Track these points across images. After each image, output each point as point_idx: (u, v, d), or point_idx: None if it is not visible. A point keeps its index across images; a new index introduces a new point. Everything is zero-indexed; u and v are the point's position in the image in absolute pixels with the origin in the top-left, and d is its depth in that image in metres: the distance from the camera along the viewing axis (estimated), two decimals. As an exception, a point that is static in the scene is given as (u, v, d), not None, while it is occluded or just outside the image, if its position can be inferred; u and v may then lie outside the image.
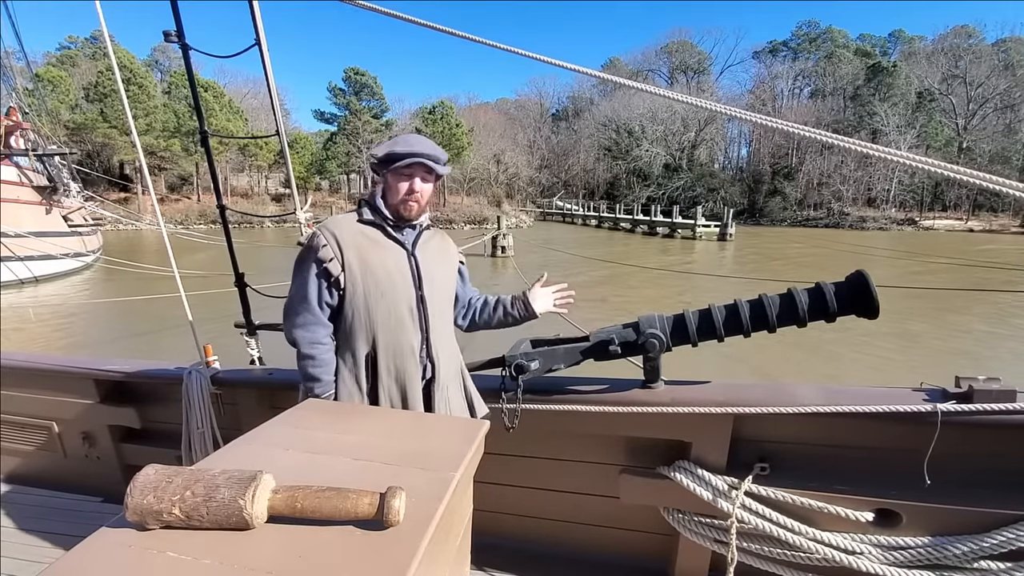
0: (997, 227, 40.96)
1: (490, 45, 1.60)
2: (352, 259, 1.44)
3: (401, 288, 1.47)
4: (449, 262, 1.64)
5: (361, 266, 1.45)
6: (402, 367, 1.47)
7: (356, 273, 1.45)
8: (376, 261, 1.46)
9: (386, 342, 1.46)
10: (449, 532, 1.06)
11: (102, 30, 2.07)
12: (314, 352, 1.46)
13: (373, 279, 1.45)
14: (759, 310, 1.56)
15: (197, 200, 39.68)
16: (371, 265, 1.45)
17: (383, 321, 1.46)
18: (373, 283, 1.45)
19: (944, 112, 48.17)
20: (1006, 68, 47.20)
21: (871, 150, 1.40)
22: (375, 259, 1.46)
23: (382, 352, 1.46)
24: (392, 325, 1.46)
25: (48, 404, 2.44)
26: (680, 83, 62.21)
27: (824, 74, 54.20)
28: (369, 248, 1.47)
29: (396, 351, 1.47)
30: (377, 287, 1.45)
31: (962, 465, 1.49)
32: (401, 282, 1.47)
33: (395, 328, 1.46)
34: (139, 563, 0.76)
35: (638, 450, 1.83)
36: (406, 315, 1.47)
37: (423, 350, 1.51)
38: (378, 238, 1.49)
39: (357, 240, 1.47)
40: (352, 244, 1.46)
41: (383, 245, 1.49)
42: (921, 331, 9.54)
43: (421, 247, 1.54)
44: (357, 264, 1.45)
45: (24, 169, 15.09)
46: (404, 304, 1.47)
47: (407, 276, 1.49)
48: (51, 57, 44.45)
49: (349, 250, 1.45)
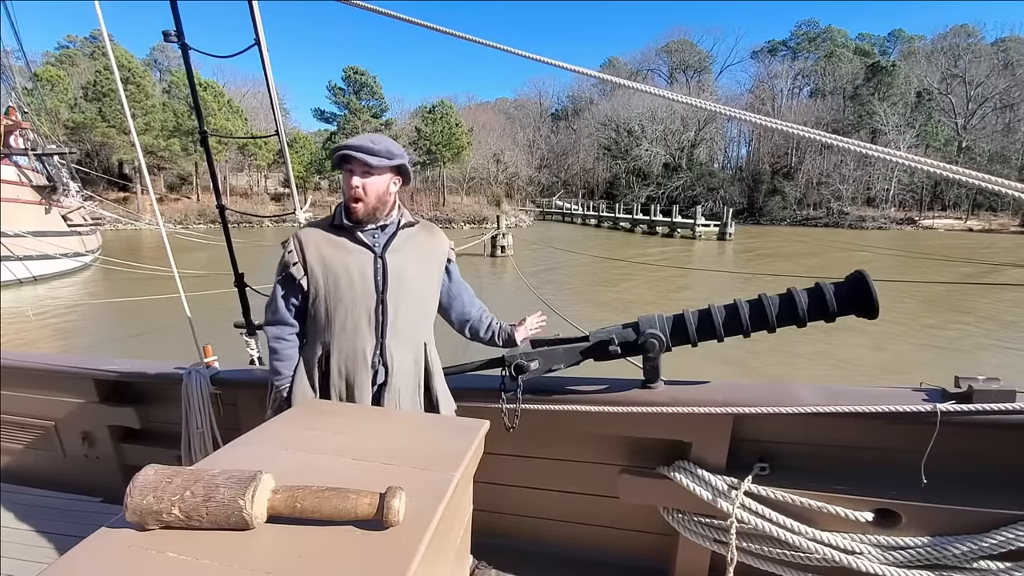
0: (996, 226, 40.97)
1: (490, 45, 1.60)
2: (315, 264, 1.50)
3: (361, 292, 1.49)
4: (432, 260, 1.62)
5: (323, 271, 1.49)
6: (352, 370, 1.51)
7: (318, 276, 1.50)
8: (338, 266, 1.49)
9: (339, 346, 1.51)
10: (449, 532, 1.06)
11: (101, 30, 2.06)
12: (277, 347, 1.56)
13: (333, 283, 1.49)
14: (759, 310, 1.56)
15: (196, 200, 39.59)
16: (332, 269, 1.49)
17: (339, 325, 1.50)
18: (332, 288, 1.49)
19: (943, 112, 48.17)
20: (1005, 67, 47.20)
21: (870, 150, 1.40)
22: (338, 264, 1.49)
23: (335, 354, 1.51)
24: (348, 329, 1.50)
25: (48, 404, 2.44)
26: (680, 82, 62.21)
27: (823, 74, 54.17)
28: (332, 252, 1.50)
29: (348, 354, 1.51)
30: (336, 292, 1.49)
31: (962, 465, 1.49)
32: (362, 287, 1.49)
33: (350, 333, 1.50)
34: (139, 563, 0.76)
35: (638, 450, 1.83)
36: (363, 320, 1.50)
37: (376, 355, 1.52)
38: (343, 243, 1.52)
39: (321, 244, 1.51)
40: (315, 249, 1.50)
41: (348, 249, 1.51)
42: (921, 331, 9.55)
43: (396, 248, 1.54)
44: (319, 268, 1.50)
45: (23, 169, 15.07)
46: (363, 309, 1.50)
47: (369, 280, 1.50)
48: (50, 56, 44.38)
49: (312, 256, 1.50)
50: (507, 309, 10.29)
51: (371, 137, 1.48)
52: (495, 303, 10.81)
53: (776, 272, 14.99)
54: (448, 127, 44.60)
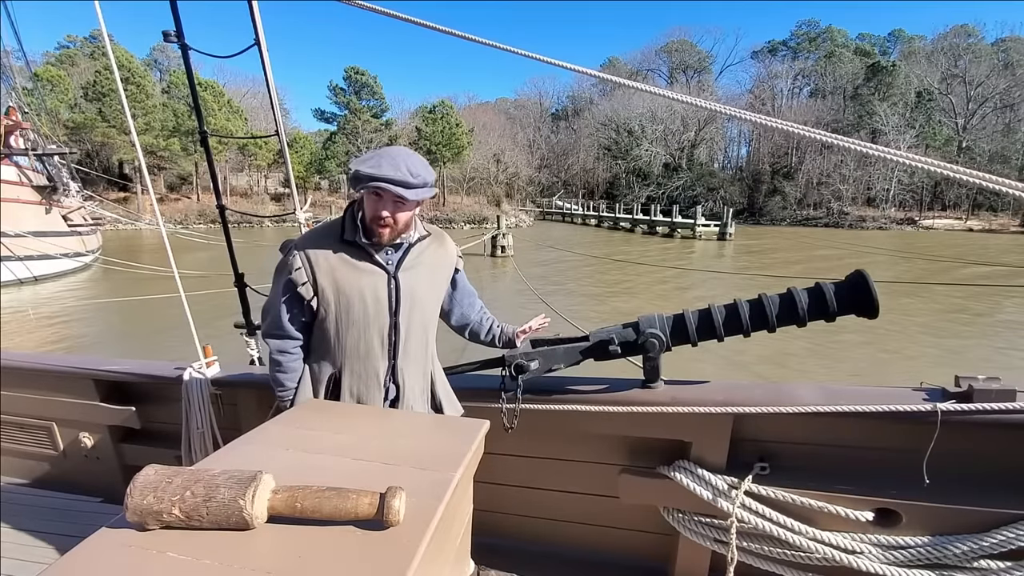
0: (997, 226, 40.98)
1: (490, 45, 1.59)
2: (326, 285, 1.40)
3: (375, 314, 1.43)
4: (442, 274, 1.58)
5: (335, 293, 1.41)
6: (364, 392, 1.47)
7: (329, 299, 1.41)
8: (351, 288, 1.41)
9: (351, 368, 1.46)
10: (449, 532, 1.06)
11: (101, 30, 2.06)
12: (280, 359, 1.49)
13: (346, 306, 1.41)
14: (759, 310, 1.56)
15: (196, 200, 39.61)
16: (345, 292, 1.41)
17: (352, 348, 1.44)
18: (345, 310, 1.42)
19: (943, 112, 48.18)
20: (1005, 68, 47.22)
21: (870, 150, 1.40)
22: (351, 285, 1.41)
23: (346, 376, 1.46)
24: (361, 352, 1.45)
25: (48, 404, 2.44)
26: (680, 83, 62.21)
27: (823, 74, 54.19)
28: (346, 274, 1.41)
29: (361, 376, 1.46)
30: (348, 315, 1.42)
31: (962, 464, 1.49)
32: (375, 309, 1.43)
33: (363, 356, 1.45)
34: (139, 563, 0.76)
35: (638, 450, 1.83)
36: (375, 343, 1.45)
37: (389, 376, 1.49)
38: (357, 262, 1.42)
39: (333, 263, 1.41)
40: (327, 269, 1.40)
41: (361, 270, 1.42)
42: (921, 330, 9.55)
43: (408, 267, 1.46)
44: (331, 291, 1.41)
45: (24, 169, 15.08)
46: (375, 332, 1.44)
47: (383, 301, 1.43)
48: (50, 56, 44.42)
49: (323, 276, 1.40)
50: (507, 309, 10.29)
51: (407, 164, 1.31)
52: (495, 303, 10.72)
53: (777, 274, 14.98)
54: (448, 127, 44.61)
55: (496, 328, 1.73)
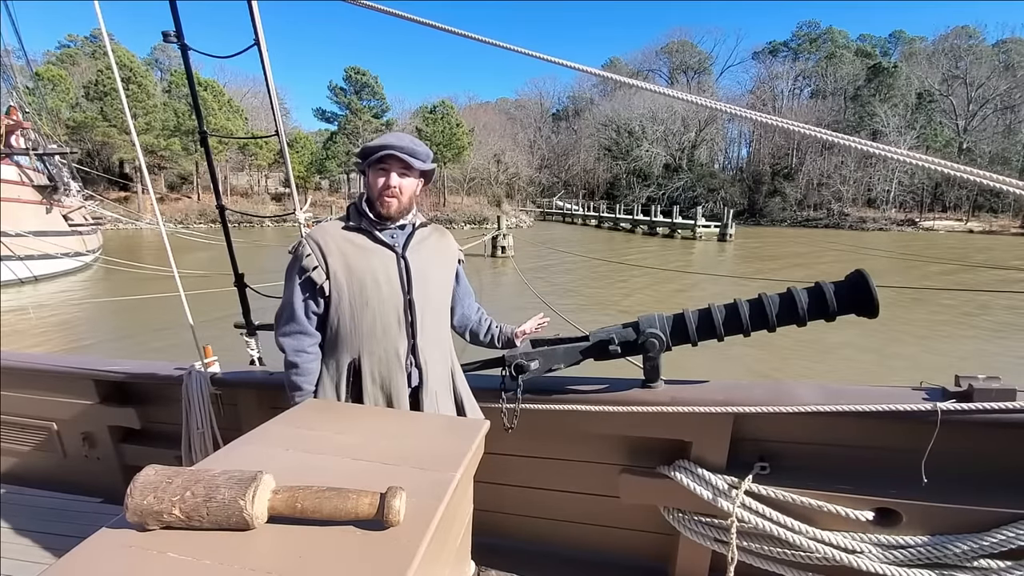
0: (997, 228, 40.96)
1: (490, 44, 1.59)
2: (337, 267, 1.43)
3: (388, 293, 1.45)
4: (447, 261, 1.61)
5: (346, 273, 1.44)
6: (387, 375, 1.46)
7: (341, 281, 1.43)
8: (362, 267, 1.44)
9: (371, 349, 1.45)
10: (449, 532, 1.06)
11: (101, 29, 2.06)
12: (298, 360, 1.48)
13: (359, 286, 1.43)
14: (759, 309, 1.56)
15: (197, 199, 39.62)
16: (356, 272, 1.44)
17: (369, 328, 1.44)
18: (358, 290, 1.43)
19: (944, 113, 48.17)
20: (1006, 69, 47.20)
21: (871, 148, 1.40)
22: (361, 265, 1.44)
23: (367, 359, 1.45)
24: (378, 332, 1.45)
25: (48, 405, 2.44)
26: (680, 83, 62.24)
27: (824, 75, 54.17)
28: (355, 254, 1.45)
29: (382, 358, 1.46)
30: (362, 294, 1.44)
31: (962, 464, 1.49)
32: (388, 287, 1.45)
33: (381, 335, 1.45)
34: (139, 564, 0.76)
35: (638, 450, 1.83)
36: (393, 321, 1.45)
37: (410, 356, 1.48)
38: (364, 243, 1.47)
39: (342, 247, 1.45)
40: (337, 251, 1.44)
41: (369, 250, 1.46)
42: (921, 330, 9.55)
43: (414, 248, 1.50)
44: (342, 272, 1.43)
45: (24, 168, 15.08)
46: (391, 310, 1.45)
47: (395, 280, 1.46)
48: (51, 56, 44.44)
49: (333, 258, 1.43)
50: (508, 309, 10.29)
51: (409, 138, 1.46)
52: (496, 304, 10.75)
53: (776, 276, 14.97)
54: (449, 127, 44.61)
55: (495, 328, 1.74)
